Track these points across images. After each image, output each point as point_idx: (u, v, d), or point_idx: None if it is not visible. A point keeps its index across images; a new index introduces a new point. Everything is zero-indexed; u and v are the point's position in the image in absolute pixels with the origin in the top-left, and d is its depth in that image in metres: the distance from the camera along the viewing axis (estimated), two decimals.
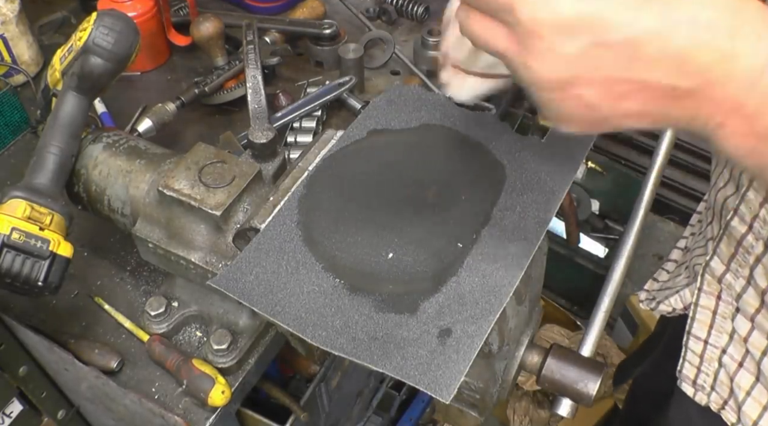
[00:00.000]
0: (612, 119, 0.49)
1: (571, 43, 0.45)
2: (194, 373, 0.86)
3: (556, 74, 0.47)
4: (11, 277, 0.80)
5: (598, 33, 0.44)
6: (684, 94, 0.46)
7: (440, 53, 0.65)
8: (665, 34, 0.44)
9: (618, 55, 0.45)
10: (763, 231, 0.79)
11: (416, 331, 0.62)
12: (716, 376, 0.90)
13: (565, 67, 0.46)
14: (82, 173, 0.92)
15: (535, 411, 2.00)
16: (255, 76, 1.18)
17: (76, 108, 0.90)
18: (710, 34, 0.44)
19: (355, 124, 0.81)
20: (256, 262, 0.68)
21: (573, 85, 0.47)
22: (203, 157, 0.84)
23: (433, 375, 0.59)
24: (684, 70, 0.45)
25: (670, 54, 0.44)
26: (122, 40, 0.88)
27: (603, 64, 0.45)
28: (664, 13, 0.44)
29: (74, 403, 1.09)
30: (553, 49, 0.45)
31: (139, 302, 0.98)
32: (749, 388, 0.86)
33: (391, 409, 1.72)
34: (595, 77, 0.46)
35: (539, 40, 0.45)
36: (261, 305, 0.65)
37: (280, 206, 0.74)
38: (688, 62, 0.45)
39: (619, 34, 0.44)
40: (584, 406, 0.77)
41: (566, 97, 0.47)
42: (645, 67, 0.45)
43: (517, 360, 0.79)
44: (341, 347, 0.61)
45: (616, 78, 0.46)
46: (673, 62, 0.45)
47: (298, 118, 1.21)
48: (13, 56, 1.24)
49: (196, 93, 1.22)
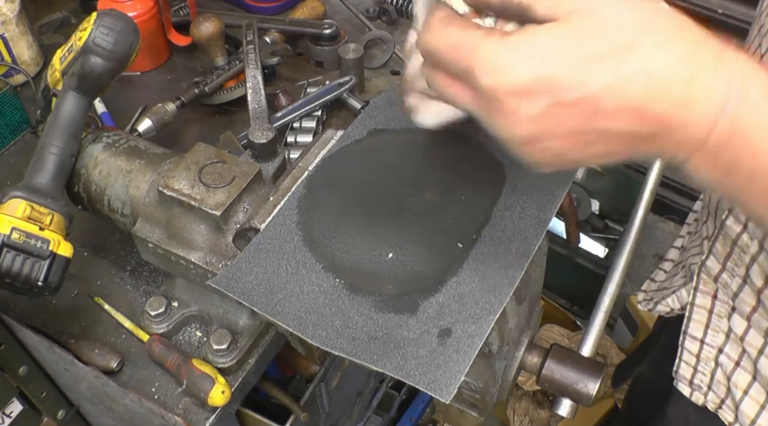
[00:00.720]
0: (584, 161, 0.51)
1: (532, 105, 0.47)
2: (194, 373, 0.86)
3: (521, 133, 0.49)
4: (11, 277, 0.80)
5: (556, 94, 0.46)
6: (647, 138, 0.48)
7: (404, 78, 0.65)
8: (619, 89, 0.45)
9: (578, 112, 0.47)
10: (758, 230, 0.79)
11: (416, 331, 0.62)
12: (713, 375, 0.90)
13: (529, 126, 0.48)
14: (82, 173, 0.92)
15: (535, 411, 2.00)
16: (255, 76, 1.18)
17: (76, 108, 0.90)
18: (664, 85, 0.46)
19: (356, 124, 0.81)
20: (256, 262, 0.68)
21: (540, 139, 0.49)
22: (203, 157, 0.84)
23: (433, 375, 0.58)
24: (642, 119, 0.47)
25: (627, 107, 0.46)
26: (122, 40, 0.88)
27: (565, 120, 0.47)
28: (617, 68, 0.45)
29: (74, 403, 1.09)
30: (516, 112, 0.47)
31: (139, 302, 0.98)
32: (746, 387, 0.86)
33: (391, 409, 1.72)
34: (560, 132, 0.48)
35: (501, 105, 0.47)
36: (261, 305, 0.65)
37: (280, 206, 0.74)
38: (644, 112, 0.46)
39: (576, 93, 0.46)
40: (584, 406, 0.77)
41: (536, 150, 0.50)
42: (605, 120, 0.47)
43: (517, 360, 0.79)
44: (341, 347, 0.61)
45: (580, 130, 0.48)
46: (630, 113, 0.46)
47: (298, 118, 1.21)
48: (13, 56, 1.24)
49: (196, 93, 1.22)
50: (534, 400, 2.02)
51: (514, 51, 0.46)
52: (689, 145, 0.48)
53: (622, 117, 0.46)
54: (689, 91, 0.46)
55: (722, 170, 0.49)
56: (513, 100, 0.47)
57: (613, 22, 0.45)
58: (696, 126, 0.47)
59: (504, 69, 0.46)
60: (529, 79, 0.46)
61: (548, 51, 0.46)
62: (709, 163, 0.49)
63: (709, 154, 0.48)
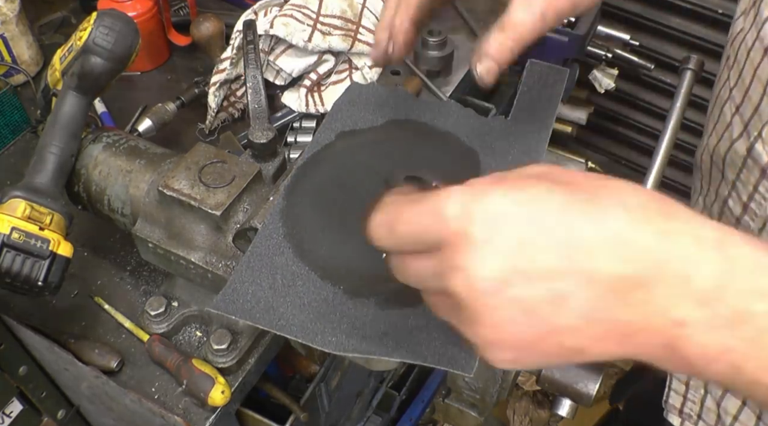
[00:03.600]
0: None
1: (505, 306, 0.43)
2: (194, 373, 0.86)
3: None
4: (11, 277, 0.80)
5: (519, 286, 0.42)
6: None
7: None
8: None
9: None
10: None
11: (424, 319, 0.62)
12: (703, 402, 0.89)
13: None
14: (82, 173, 0.92)
15: (535, 411, 2.01)
16: (255, 76, 1.18)
17: (76, 108, 0.90)
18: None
19: (322, 129, 0.81)
20: (250, 281, 0.67)
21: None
22: (203, 157, 0.84)
23: (451, 352, 0.59)
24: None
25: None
26: (122, 40, 0.88)
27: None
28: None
29: (74, 402, 1.09)
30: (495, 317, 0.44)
31: (139, 302, 0.98)
32: (736, 412, 0.85)
33: (391, 409, 1.72)
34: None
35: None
36: (264, 321, 0.64)
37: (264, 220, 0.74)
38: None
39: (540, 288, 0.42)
40: (584, 406, 0.77)
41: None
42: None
43: None
44: (354, 348, 0.61)
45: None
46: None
47: (298, 118, 1.21)
48: (13, 56, 1.24)
49: (196, 93, 1.22)
50: (534, 400, 2.02)
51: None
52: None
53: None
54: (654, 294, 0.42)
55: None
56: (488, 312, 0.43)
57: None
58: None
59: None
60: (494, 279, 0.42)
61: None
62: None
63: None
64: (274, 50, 1.20)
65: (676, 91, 1.36)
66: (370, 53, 1.08)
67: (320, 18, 1.18)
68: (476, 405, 0.83)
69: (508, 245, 0.41)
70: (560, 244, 0.41)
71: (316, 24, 1.17)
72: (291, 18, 1.16)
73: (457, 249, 0.43)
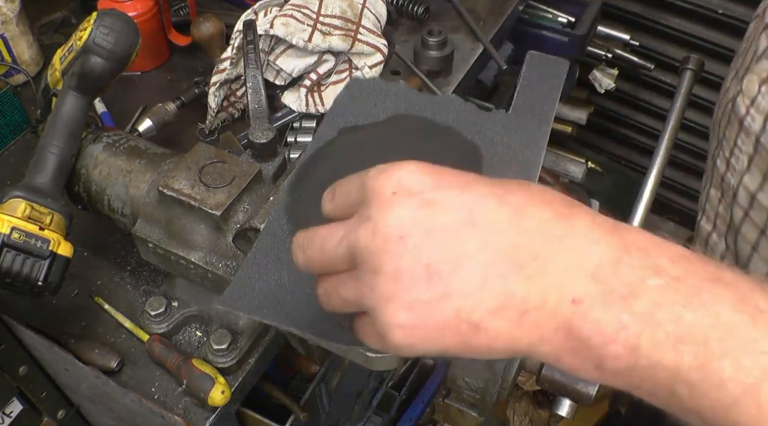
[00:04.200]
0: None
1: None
2: (194, 372, 0.86)
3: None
4: (11, 277, 0.80)
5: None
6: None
7: None
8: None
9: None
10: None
11: None
12: None
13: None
14: (82, 173, 0.92)
15: (535, 411, 2.00)
16: (255, 76, 1.18)
17: (76, 108, 0.90)
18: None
19: (324, 125, 0.81)
20: (257, 277, 0.67)
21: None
22: (203, 157, 0.84)
23: None
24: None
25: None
26: (122, 40, 0.88)
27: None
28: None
29: (74, 403, 1.09)
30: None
31: (139, 302, 0.98)
32: None
33: (391, 409, 1.72)
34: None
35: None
36: (272, 317, 0.64)
37: (269, 217, 0.74)
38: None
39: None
40: (584, 406, 0.77)
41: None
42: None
43: (517, 360, 0.79)
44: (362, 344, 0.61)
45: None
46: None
47: (298, 118, 1.21)
48: (13, 56, 1.24)
49: (196, 93, 1.22)
50: (534, 400, 2.02)
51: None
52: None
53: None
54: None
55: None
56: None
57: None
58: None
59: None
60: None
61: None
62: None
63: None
64: (274, 50, 1.20)
65: (676, 91, 1.36)
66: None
67: (320, 18, 1.18)
68: (476, 405, 0.83)
69: (415, 202, 0.45)
70: (464, 207, 0.44)
71: (316, 24, 1.17)
72: (291, 18, 1.16)
73: (369, 204, 0.46)
